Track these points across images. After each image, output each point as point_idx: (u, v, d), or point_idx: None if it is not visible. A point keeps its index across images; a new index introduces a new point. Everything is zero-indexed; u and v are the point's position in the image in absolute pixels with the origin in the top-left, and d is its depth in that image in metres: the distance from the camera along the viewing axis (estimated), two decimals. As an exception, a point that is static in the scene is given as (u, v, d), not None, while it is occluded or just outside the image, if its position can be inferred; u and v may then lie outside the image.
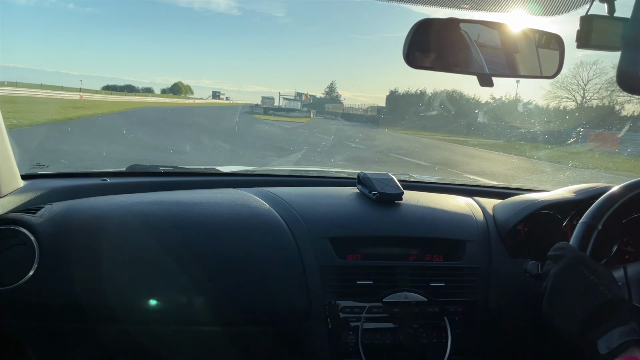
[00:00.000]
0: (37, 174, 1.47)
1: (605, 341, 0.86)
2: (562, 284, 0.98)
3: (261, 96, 68.48)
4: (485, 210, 1.45)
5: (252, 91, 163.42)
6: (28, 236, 1.13)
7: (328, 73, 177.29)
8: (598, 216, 1.11)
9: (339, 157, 10.47)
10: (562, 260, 1.01)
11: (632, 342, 0.84)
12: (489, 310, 1.27)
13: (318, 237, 1.24)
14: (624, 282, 1.10)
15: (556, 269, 1.01)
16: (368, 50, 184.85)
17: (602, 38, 0.93)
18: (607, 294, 0.91)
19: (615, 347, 0.84)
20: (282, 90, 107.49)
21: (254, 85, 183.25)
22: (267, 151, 10.96)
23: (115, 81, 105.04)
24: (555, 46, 1.09)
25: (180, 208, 1.28)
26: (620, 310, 0.89)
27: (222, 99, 76.87)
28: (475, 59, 1.04)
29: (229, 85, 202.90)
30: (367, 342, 1.18)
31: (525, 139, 16.79)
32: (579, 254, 1.02)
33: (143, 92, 76.30)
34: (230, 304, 1.18)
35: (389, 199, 1.37)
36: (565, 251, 1.03)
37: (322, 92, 35.65)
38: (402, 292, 1.22)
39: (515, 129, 17.47)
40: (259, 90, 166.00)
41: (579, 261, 0.99)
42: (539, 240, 1.37)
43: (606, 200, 1.14)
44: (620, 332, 0.85)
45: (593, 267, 0.97)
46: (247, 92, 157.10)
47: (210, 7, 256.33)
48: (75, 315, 1.14)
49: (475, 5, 1.11)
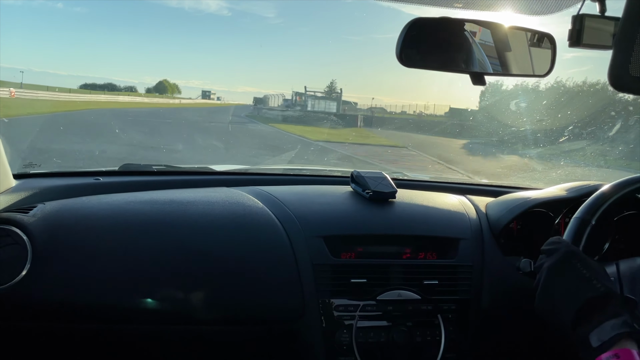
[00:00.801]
0: (29, 174, 1.46)
1: (597, 334, 0.86)
2: (554, 278, 0.98)
3: (253, 97, 66.40)
4: (478, 209, 1.46)
5: (242, 92, 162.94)
6: (20, 236, 1.12)
7: (320, 73, 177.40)
8: (592, 211, 1.12)
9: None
10: (555, 254, 1.02)
11: (623, 334, 0.84)
12: (482, 308, 1.27)
13: (312, 235, 1.24)
14: (616, 277, 1.10)
15: (549, 263, 1.01)
16: (359, 51, 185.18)
17: (594, 37, 0.94)
18: (600, 288, 0.91)
19: (607, 340, 0.84)
20: (274, 90, 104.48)
21: (245, 86, 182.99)
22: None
23: (103, 81, 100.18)
24: (547, 45, 1.10)
25: (173, 207, 1.27)
26: (612, 303, 0.89)
27: (212, 99, 72.75)
28: (467, 57, 1.04)
29: (219, 85, 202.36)
30: (361, 340, 1.19)
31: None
32: (572, 248, 1.02)
33: (126, 90, 71.77)
34: (223, 303, 1.18)
35: (382, 197, 1.38)
36: (558, 245, 1.03)
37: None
38: (395, 290, 1.23)
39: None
40: (249, 91, 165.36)
41: (572, 255, 0.99)
42: (531, 238, 1.38)
43: (599, 196, 1.15)
44: (612, 325, 0.85)
45: (586, 261, 0.98)
46: (238, 92, 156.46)
47: (200, 7, 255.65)
48: (68, 315, 1.13)
49: (468, 4, 1.11)
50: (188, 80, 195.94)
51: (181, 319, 1.17)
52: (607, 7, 0.95)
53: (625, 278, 1.10)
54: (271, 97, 40.64)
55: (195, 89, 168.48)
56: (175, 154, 9.64)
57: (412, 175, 1.93)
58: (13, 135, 9.57)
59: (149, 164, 1.66)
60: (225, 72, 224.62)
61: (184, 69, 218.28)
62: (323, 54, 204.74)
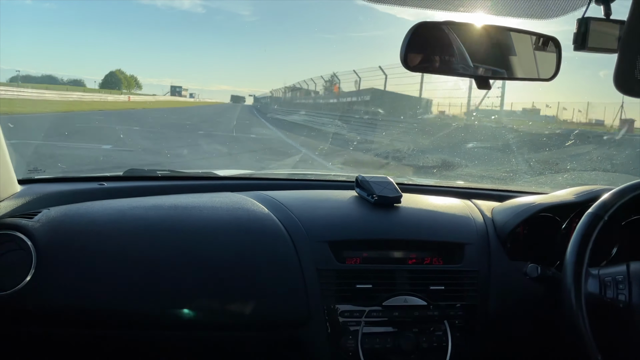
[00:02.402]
0: (34, 179, 1.47)
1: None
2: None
3: (230, 94, 60.09)
4: (484, 213, 1.45)
5: (217, 90, 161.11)
6: (25, 241, 1.13)
7: (297, 71, 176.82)
8: (606, 208, 1.11)
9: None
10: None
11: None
12: (488, 313, 1.26)
13: (317, 240, 1.24)
14: (625, 275, 1.09)
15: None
16: (334, 49, 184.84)
17: (599, 40, 0.94)
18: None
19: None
20: (248, 89, 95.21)
21: (220, 84, 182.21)
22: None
23: (42, 74, 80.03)
24: (552, 48, 1.09)
25: (177, 212, 1.27)
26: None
27: (184, 96, 58.55)
28: (472, 61, 1.04)
29: (193, 84, 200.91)
30: (366, 347, 1.18)
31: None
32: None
33: (69, 84, 56.28)
34: (227, 308, 1.17)
35: (387, 202, 1.37)
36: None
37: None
38: (401, 296, 1.22)
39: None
40: (224, 89, 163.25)
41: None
42: (538, 243, 1.37)
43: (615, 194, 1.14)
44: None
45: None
46: (213, 90, 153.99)
47: (173, 4, 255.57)
48: (72, 320, 1.13)
49: (472, 8, 1.11)
50: (161, 79, 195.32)
51: (185, 324, 1.17)
52: (612, 10, 0.95)
53: (634, 277, 1.09)
54: (237, 97, 40.09)
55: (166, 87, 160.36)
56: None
57: (417, 179, 1.92)
58: None
59: (153, 169, 1.66)
60: (199, 70, 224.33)
61: (155, 66, 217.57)
62: (298, 52, 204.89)
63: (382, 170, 8.87)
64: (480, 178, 6.91)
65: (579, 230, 1.10)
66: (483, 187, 1.78)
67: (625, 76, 0.78)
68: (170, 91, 60.85)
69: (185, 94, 61.06)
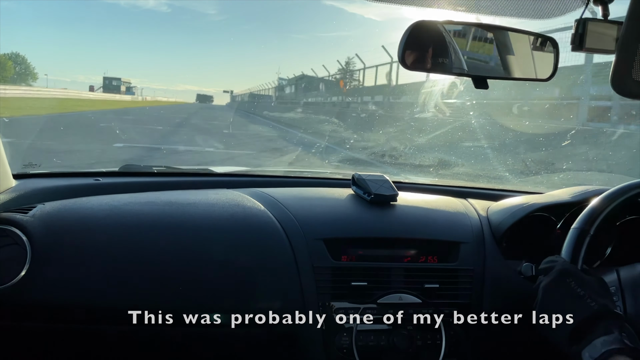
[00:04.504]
0: (29, 174, 1.46)
1: (589, 351, 0.88)
2: (549, 298, 1.01)
3: (196, 93, 47.55)
4: (479, 212, 1.45)
5: (183, 90, 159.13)
6: (20, 236, 1.12)
7: (264, 71, 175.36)
8: (590, 221, 1.11)
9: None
10: (550, 273, 1.04)
11: (614, 350, 0.86)
12: (483, 311, 1.27)
13: (312, 238, 1.24)
14: (617, 285, 1.10)
15: (545, 282, 1.03)
16: (303, 49, 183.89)
17: (597, 41, 0.94)
18: (594, 306, 0.93)
19: (598, 357, 0.86)
20: (214, 89, 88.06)
21: (185, 84, 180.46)
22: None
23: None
24: (550, 49, 1.09)
25: (173, 208, 1.27)
26: (604, 320, 0.91)
27: (122, 92, 42.22)
28: (470, 61, 1.04)
29: (158, 84, 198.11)
30: (361, 344, 1.18)
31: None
32: (567, 267, 1.03)
33: None
34: (222, 305, 1.17)
35: (383, 200, 1.37)
36: (554, 264, 1.05)
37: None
38: (396, 294, 1.22)
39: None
40: (189, 89, 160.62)
41: (566, 273, 1.01)
42: (533, 243, 1.38)
43: (598, 204, 1.14)
44: (603, 342, 0.87)
45: (581, 278, 1.00)
46: (178, 90, 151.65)
47: (137, 3, 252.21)
48: (67, 315, 1.13)
49: (471, 8, 1.11)
50: (129, 78, 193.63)
51: (180, 320, 1.17)
52: (610, 11, 0.95)
53: (626, 286, 1.09)
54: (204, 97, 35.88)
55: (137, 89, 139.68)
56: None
57: (413, 178, 1.92)
58: None
59: (149, 165, 1.66)
60: (164, 69, 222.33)
61: (119, 66, 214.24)
62: (266, 52, 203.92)
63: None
64: (469, 176, 6.94)
65: (566, 247, 1.10)
66: (479, 186, 1.79)
67: (623, 77, 0.78)
68: (103, 85, 42.76)
69: (123, 88, 44.17)
